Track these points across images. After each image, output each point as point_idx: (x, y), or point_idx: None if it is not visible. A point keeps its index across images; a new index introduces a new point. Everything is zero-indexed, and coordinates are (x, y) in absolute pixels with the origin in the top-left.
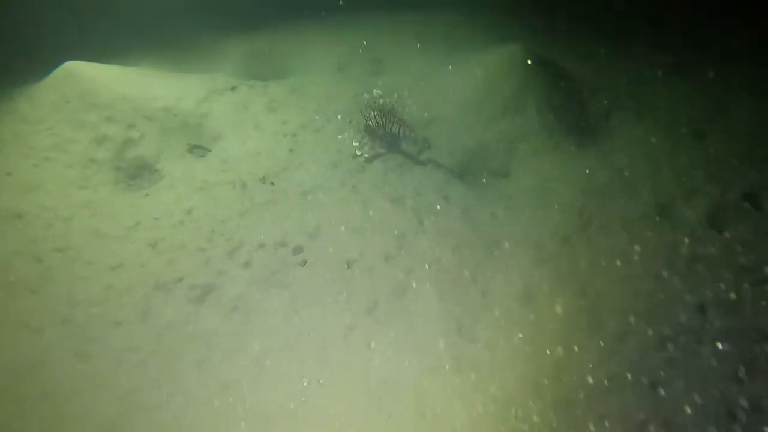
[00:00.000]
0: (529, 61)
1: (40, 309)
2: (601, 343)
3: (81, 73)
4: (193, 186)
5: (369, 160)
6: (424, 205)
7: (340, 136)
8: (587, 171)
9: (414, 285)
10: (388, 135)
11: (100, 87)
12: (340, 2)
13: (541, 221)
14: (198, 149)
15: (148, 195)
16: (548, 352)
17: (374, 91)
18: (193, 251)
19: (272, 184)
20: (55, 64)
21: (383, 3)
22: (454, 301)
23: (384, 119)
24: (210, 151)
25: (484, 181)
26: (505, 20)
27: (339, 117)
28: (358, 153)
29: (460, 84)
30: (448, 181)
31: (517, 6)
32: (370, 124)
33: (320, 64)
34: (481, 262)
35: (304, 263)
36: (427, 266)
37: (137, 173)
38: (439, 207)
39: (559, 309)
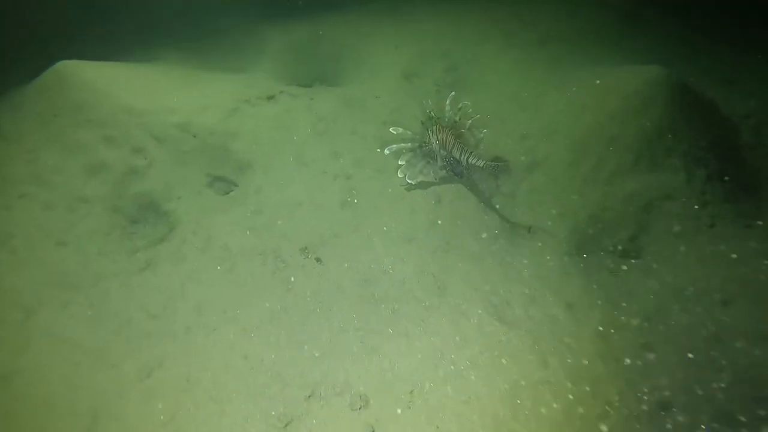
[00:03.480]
0: None
1: None
2: None
3: (75, 76)
4: (209, 254)
5: (412, 188)
6: (542, 323)
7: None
8: None
9: None
10: (452, 162)
11: (99, 95)
12: None
13: (715, 373)
14: (220, 182)
15: (147, 267)
16: None
17: (451, 93)
18: (201, 394)
19: (318, 260)
20: (49, 62)
21: None
22: None
23: (446, 138)
24: (236, 186)
25: (609, 264)
26: (619, 23)
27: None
28: (400, 175)
29: (574, 114)
30: (566, 270)
31: (635, 6)
32: (432, 140)
33: (381, 67)
34: None
35: None
36: None
37: (139, 216)
38: (564, 329)
39: None
